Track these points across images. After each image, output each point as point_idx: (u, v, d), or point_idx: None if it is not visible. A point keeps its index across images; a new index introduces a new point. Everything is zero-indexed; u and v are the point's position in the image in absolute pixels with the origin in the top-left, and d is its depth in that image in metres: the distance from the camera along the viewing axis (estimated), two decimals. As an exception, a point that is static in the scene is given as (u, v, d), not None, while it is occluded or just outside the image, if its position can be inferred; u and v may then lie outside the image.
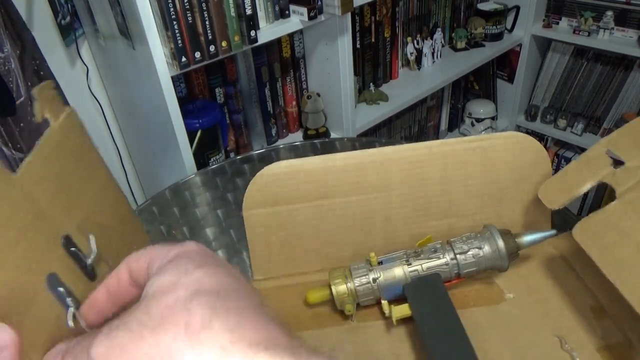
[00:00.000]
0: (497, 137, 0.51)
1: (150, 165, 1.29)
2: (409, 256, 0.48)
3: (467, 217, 0.54)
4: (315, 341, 0.47)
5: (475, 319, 0.48)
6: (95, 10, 1.05)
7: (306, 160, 0.50)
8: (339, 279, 0.48)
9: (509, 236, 0.49)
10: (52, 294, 0.28)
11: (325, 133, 1.34)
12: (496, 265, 0.49)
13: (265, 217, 0.51)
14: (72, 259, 0.31)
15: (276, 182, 0.50)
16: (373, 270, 0.48)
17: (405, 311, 0.46)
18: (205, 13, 0.91)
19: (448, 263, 0.48)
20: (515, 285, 0.51)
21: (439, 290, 0.47)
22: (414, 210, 0.53)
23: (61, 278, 0.29)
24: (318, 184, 0.51)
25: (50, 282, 0.28)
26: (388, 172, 0.51)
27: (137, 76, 1.04)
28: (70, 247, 0.31)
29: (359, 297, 0.48)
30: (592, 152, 0.49)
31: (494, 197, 0.53)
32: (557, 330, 0.46)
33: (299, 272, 0.54)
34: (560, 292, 0.50)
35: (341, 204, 0.52)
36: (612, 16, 1.59)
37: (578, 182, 0.49)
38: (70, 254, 0.31)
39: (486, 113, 1.88)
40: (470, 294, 0.51)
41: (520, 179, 0.53)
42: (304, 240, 0.53)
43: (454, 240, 0.49)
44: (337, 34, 1.17)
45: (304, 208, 0.51)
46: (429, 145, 0.51)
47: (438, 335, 0.44)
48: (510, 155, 0.52)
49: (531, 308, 0.49)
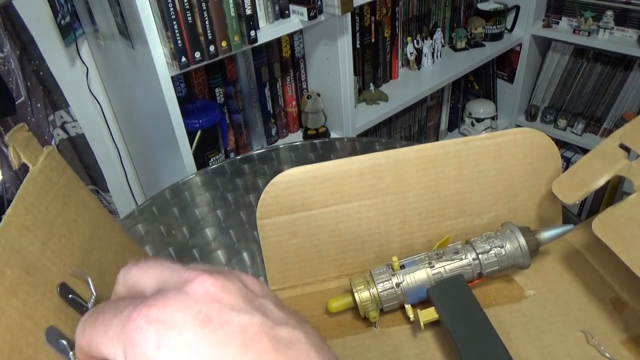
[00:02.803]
0: (508, 133, 0.51)
1: (150, 165, 1.29)
2: (431, 258, 0.48)
3: (481, 215, 0.54)
4: (340, 350, 0.46)
5: (498, 318, 0.47)
6: (95, 10, 1.05)
7: (320, 165, 0.50)
8: (361, 285, 0.47)
9: (529, 233, 0.49)
10: (52, 349, 0.26)
11: (325, 133, 1.34)
12: (518, 263, 0.49)
13: (279, 226, 0.51)
14: (72, 307, 0.29)
15: (290, 189, 0.49)
16: (396, 274, 0.47)
17: (432, 314, 0.45)
18: (205, 13, 0.91)
19: (471, 263, 0.48)
20: (533, 282, 0.51)
21: (464, 291, 0.47)
22: (429, 210, 0.52)
23: (62, 330, 0.27)
24: (333, 189, 0.50)
25: (49, 336, 0.27)
26: (403, 174, 0.51)
27: (137, 76, 1.04)
28: (68, 295, 0.29)
29: (383, 302, 0.47)
30: (604, 146, 0.49)
31: (507, 193, 0.53)
32: (581, 324, 0.46)
33: (316, 280, 0.54)
34: (579, 286, 0.50)
35: (357, 208, 0.51)
36: (612, 16, 1.59)
37: (593, 176, 0.48)
38: (68, 302, 0.29)
39: (486, 113, 1.88)
40: (490, 292, 0.50)
41: (532, 174, 0.53)
42: (320, 247, 0.52)
43: (475, 239, 0.49)
44: (337, 34, 1.17)
45: (320, 214, 0.51)
46: (443, 144, 0.51)
47: (469, 337, 0.43)
48: (522, 151, 0.52)
49: (553, 304, 0.48)
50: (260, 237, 0.51)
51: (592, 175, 0.48)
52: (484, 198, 0.53)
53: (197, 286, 0.21)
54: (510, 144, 0.51)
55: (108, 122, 1.28)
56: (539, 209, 0.54)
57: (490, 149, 0.51)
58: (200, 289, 0.21)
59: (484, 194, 0.53)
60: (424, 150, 0.51)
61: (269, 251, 0.52)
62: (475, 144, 0.51)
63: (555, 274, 0.51)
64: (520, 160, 0.52)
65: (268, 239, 0.51)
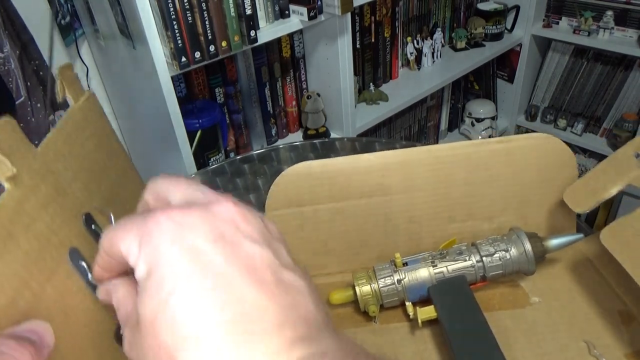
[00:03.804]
0: (521, 138, 0.50)
1: (150, 165, 1.29)
2: (434, 258, 0.48)
3: (491, 219, 0.53)
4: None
5: (500, 323, 0.47)
6: (95, 10, 1.05)
7: (329, 161, 0.50)
8: (363, 279, 0.48)
9: (536, 239, 0.48)
10: (73, 267, 0.28)
11: (325, 133, 1.34)
12: (522, 268, 0.48)
13: (287, 218, 0.51)
14: (92, 237, 0.31)
15: (299, 182, 0.50)
16: (398, 271, 0.47)
17: (431, 313, 0.45)
18: (205, 13, 0.91)
19: (474, 265, 0.47)
20: (540, 289, 0.50)
21: (465, 292, 0.46)
22: (437, 212, 0.52)
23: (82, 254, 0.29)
24: (341, 185, 0.50)
25: (72, 256, 0.28)
26: (412, 174, 0.50)
27: (137, 76, 1.04)
28: (91, 225, 0.31)
29: (383, 298, 0.47)
30: (618, 155, 0.48)
31: (518, 199, 0.52)
32: (585, 335, 0.45)
33: (320, 273, 0.54)
34: (587, 296, 0.49)
35: (365, 205, 0.51)
36: (612, 16, 1.59)
37: (605, 185, 0.47)
38: (90, 232, 0.31)
39: (486, 113, 1.88)
40: (495, 297, 0.50)
41: (545, 180, 0.52)
42: (326, 241, 0.53)
43: (480, 242, 0.49)
44: (337, 34, 1.17)
45: (327, 209, 0.51)
46: (453, 146, 0.50)
47: (465, 337, 0.43)
48: (535, 157, 0.51)
49: (558, 312, 0.48)
50: None
51: (605, 184, 0.47)
52: (494, 202, 0.52)
53: (222, 209, 0.22)
54: (523, 149, 0.50)
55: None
56: (552, 217, 0.53)
57: (501, 153, 0.50)
58: (223, 211, 0.22)
59: (494, 198, 0.52)
60: (433, 152, 0.50)
61: None
62: (486, 147, 0.50)
63: (563, 282, 0.50)
64: (533, 166, 0.51)
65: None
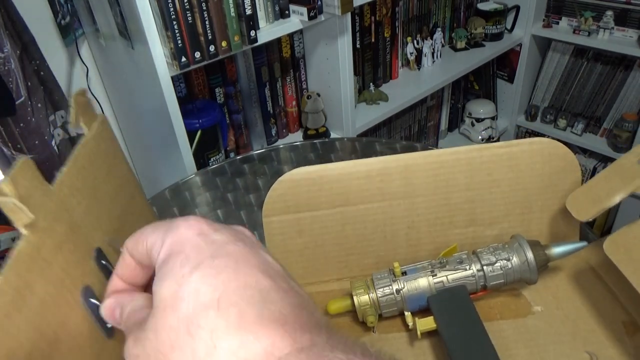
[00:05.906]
0: (525, 142, 0.49)
1: (150, 165, 1.29)
2: (434, 267, 0.47)
3: (492, 225, 0.52)
4: None
5: (501, 333, 0.46)
6: (95, 10, 1.05)
7: (327, 166, 0.49)
8: (361, 289, 0.47)
9: (539, 247, 0.47)
10: (86, 308, 0.27)
11: (325, 133, 1.34)
12: (524, 277, 0.47)
13: (285, 224, 0.50)
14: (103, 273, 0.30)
15: (297, 188, 0.49)
16: (397, 280, 0.46)
17: (430, 324, 0.44)
18: (205, 13, 0.91)
19: (474, 274, 0.46)
20: (543, 298, 0.49)
21: (465, 303, 0.45)
22: (438, 217, 0.51)
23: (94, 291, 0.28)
24: (340, 190, 0.49)
25: (85, 295, 0.27)
26: (412, 178, 0.50)
27: (137, 76, 1.04)
28: (101, 260, 0.30)
29: (382, 308, 0.47)
30: (623, 161, 0.47)
31: (521, 205, 0.51)
32: (588, 346, 0.44)
33: (319, 280, 0.53)
34: (591, 306, 0.48)
35: (364, 210, 0.50)
36: (612, 16, 1.59)
37: (608, 193, 0.46)
38: (100, 267, 0.30)
39: (486, 113, 1.88)
40: (496, 306, 0.49)
41: (548, 186, 0.51)
42: (324, 248, 0.52)
43: (481, 250, 0.48)
44: (337, 34, 1.17)
45: (325, 215, 0.50)
46: (455, 151, 0.49)
47: (465, 349, 0.42)
48: (538, 162, 0.50)
49: (560, 322, 0.47)
50: (265, 235, 0.51)
51: (608, 192, 0.46)
52: (496, 208, 0.51)
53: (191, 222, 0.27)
54: (526, 154, 0.49)
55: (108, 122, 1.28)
56: (555, 224, 0.52)
57: (504, 158, 0.49)
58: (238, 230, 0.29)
59: (496, 204, 0.51)
60: (434, 156, 0.49)
61: (273, 249, 0.51)
62: (488, 152, 0.49)
63: (567, 291, 0.49)
64: (536, 171, 0.50)
65: (273, 237, 0.51)
